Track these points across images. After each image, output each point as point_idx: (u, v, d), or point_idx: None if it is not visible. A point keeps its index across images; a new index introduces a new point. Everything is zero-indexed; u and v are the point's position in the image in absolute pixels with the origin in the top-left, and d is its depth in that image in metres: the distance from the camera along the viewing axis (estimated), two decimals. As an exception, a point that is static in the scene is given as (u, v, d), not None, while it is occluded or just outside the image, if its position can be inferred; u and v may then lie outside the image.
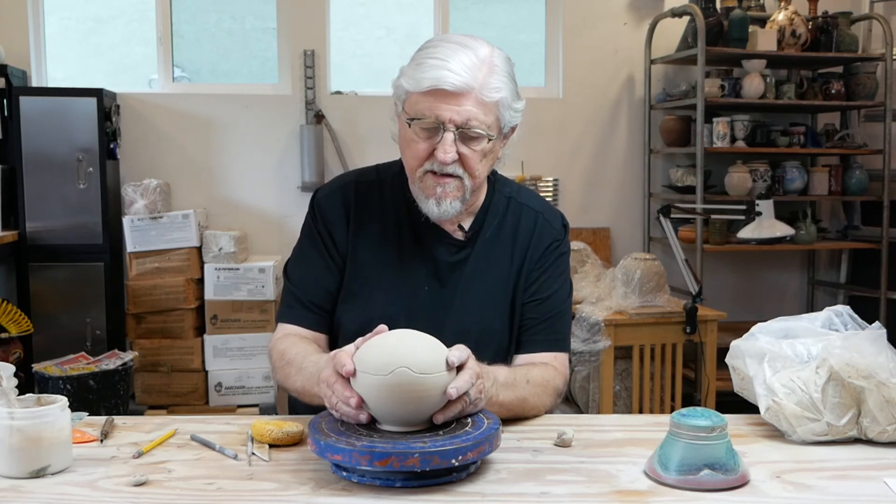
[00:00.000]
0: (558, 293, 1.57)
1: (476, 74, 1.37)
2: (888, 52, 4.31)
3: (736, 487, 1.13)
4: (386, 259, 1.53)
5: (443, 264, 1.53)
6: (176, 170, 4.29)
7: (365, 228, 1.55)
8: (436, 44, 1.41)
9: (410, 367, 1.14)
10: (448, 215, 1.47)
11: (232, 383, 3.99)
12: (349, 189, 1.58)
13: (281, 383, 1.50)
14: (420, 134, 1.41)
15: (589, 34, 4.59)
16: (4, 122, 3.87)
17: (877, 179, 4.46)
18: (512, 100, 1.43)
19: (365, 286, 1.53)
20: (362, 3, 4.68)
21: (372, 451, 1.09)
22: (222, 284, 3.97)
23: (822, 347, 1.33)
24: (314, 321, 1.55)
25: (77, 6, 4.55)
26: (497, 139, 1.44)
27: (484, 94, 1.38)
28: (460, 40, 1.41)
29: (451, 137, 1.39)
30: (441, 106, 1.37)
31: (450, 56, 1.37)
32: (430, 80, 1.36)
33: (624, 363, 3.39)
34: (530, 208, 1.59)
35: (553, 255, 1.57)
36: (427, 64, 1.38)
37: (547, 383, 1.48)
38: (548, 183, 4.56)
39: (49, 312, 3.88)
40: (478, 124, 1.39)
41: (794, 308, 4.77)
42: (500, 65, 1.41)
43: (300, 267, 1.58)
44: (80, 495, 1.12)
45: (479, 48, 1.40)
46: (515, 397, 1.39)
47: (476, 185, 1.47)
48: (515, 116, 1.46)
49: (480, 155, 1.43)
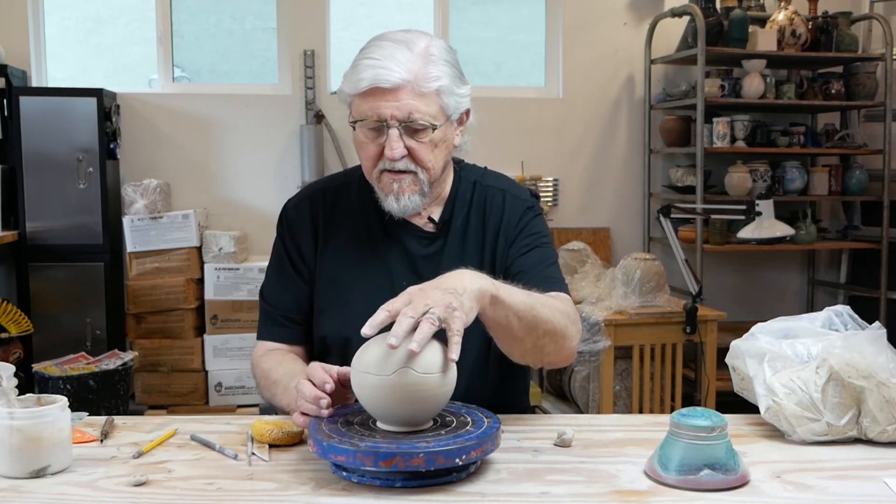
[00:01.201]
0: (542, 244, 1.55)
1: (411, 68, 1.38)
2: (888, 52, 4.31)
3: (736, 487, 1.13)
4: (360, 261, 1.54)
5: (417, 258, 1.53)
6: (176, 170, 4.29)
7: (336, 234, 1.56)
8: (371, 45, 1.43)
9: (413, 368, 1.14)
10: (410, 210, 1.48)
11: (232, 383, 3.99)
12: (316, 197, 1.59)
13: (268, 400, 1.51)
14: (368, 135, 1.43)
15: (589, 34, 4.59)
16: (4, 122, 3.87)
17: (877, 179, 4.46)
18: (454, 86, 1.43)
19: (342, 291, 1.53)
20: (362, 3, 4.68)
21: (376, 451, 1.09)
22: (222, 284, 3.97)
23: (822, 347, 1.33)
24: (288, 335, 1.57)
25: (77, 6, 4.55)
26: (444, 127, 1.44)
27: (422, 85, 1.39)
28: (396, 37, 1.42)
29: (396, 133, 1.40)
30: (381, 104, 1.39)
31: (384, 55, 1.39)
32: (366, 81, 1.38)
33: (624, 363, 3.39)
34: (496, 188, 1.59)
35: (527, 218, 1.56)
36: (362, 65, 1.39)
37: (555, 305, 1.38)
38: (548, 183, 4.56)
39: (49, 312, 3.88)
40: (420, 116, 1.40)
41: (794, 308, 4.78)
42: (437, 54, 1.42)
43: (271, 282, 1.60)
44: (80, 495, 1.12)
45: (415, 42, 1.41)
46: (523, 302, 1.28)
47: (433, 176, 1.47)
48: (462, 102, 1.46)
49: (430, 146, 1.43)
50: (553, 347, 1.36)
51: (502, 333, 1.31)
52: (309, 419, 1.24)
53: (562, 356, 1.41)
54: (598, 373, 3.30)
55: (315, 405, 1.24)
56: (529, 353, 1.36)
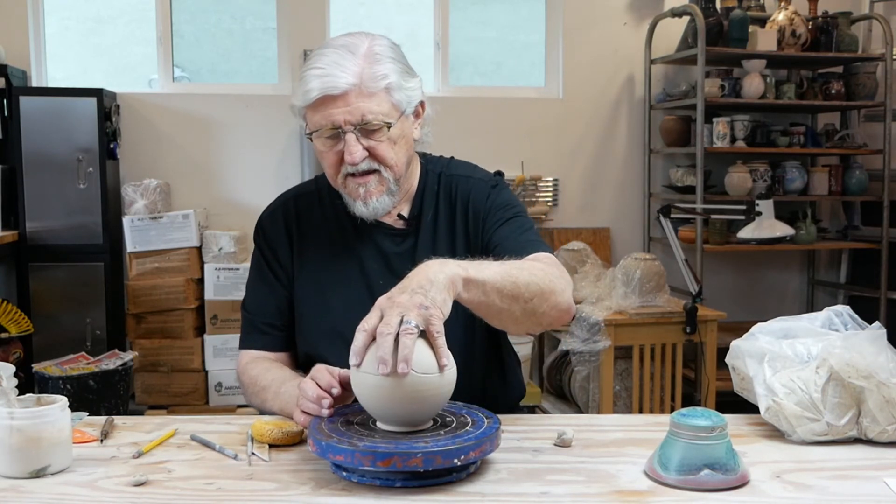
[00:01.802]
0: (514, 214, 1.54)
1: (356, 71, 1.39)
2: (888, 52, 4.31)
3: (736, 487, 1.13)
4: (336, 264, 1.55)
5: (391, 256, 1.54)
6: (176, 170, 4.29)
7: (310, 241, 1.57)
8: (315, 55, 1.43)
9: (412, 368, 1.14)
10: (381, 212, 1.49)
11: (232, 383, 3.99)
12: (289, 205, 1.62)
13: (257, 407, 1.51)
14: (326, 144, 1.44)
15: (589, 34, 4.59)
16: (4, 122, 3.87)
17: (877, 179, 4.46)
18: (402, 80, 1.44)
19: (321, 296, 1.54)
20: (362, 3, 4.68)
21: (374, 451, 1.09)
22: (222, 284, 3.97)
23: (822, 347, 1.33)
24: (271, 342, 1.58)
25: (77, 6, 4.55)
26: (399, 123, 1.45)
27: (369, 85, 1.40)
28: (337, 43, 1.43)
29: (353, 138, 1.41)
30: (332, 112, 1.40)
31: (328, 63, 1.40)
32: (315, 91, 1.39)
33: (624, 363, 3.39)
34: (460, 176, 1.59)
35: (494, 194, 1.56)
36: (309, 76, 1.40)
37: (534, 266, 1.35)
38: (548, 183, 4.56)
39: (49, 312, 3.88)
40: (373, 116, 1.40)
41: (794, 308, 4.78)
42: (380, 52, 1.43)
43: (251, 292, 1.62)
44: (80, 495, 1.12)
45: (357, 45, 1.42)
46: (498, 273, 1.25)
47: (398, 173, 1.47)
48: (413, 95, 1.47)
49: (389, 143, 1.44)
50: (546, 307, 1.32)
51: (488, 311, 1.27)
52: (310, 418, 1.24)
53: (558, 312, 1.35)
54: (598, 373, 3.30)
55: (317, 404, 1.25)
56: (522, 321, 1.32)
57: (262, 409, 1.48)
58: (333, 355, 1.40)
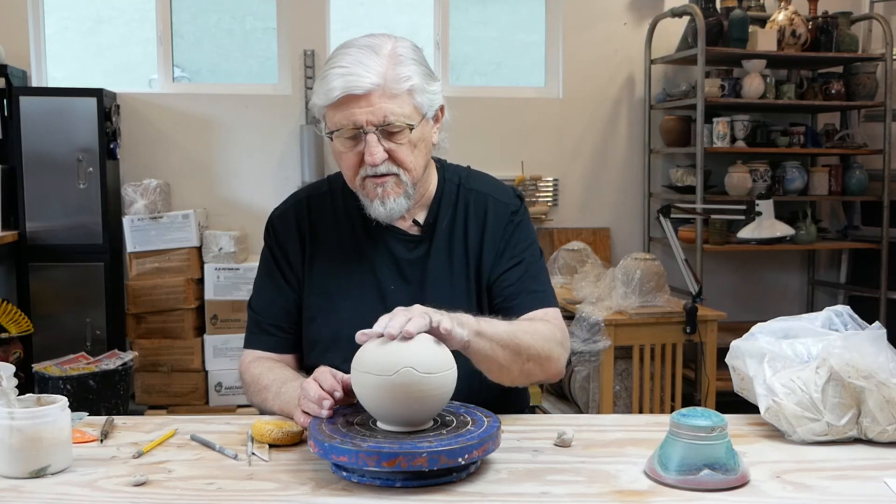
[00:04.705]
0: (529, 254, 1.55)
1: (380, 71, 1.38)
2: (888, 52, 4.31)
3: (736, 487, 1.13)
4: (347, 267, 1.54)
5: (404, 261, 1.53)
6: (176, 170, 4.29)
7: (322, 242, 1.56)
8: (338, 54, 1.42)
9: (415, 367, 1.14)
10: (397, 213, 1.47)
11: (232, 383, 3.99)
12: (302, 206, 1.60)
13: (257, 406, 1.51)
14: (346, 144, 1.43)
15: (589, 34, 4.59)
16: (4, 122, 3.87)
17: (877, 179, 4.46)
18: (425, 84, 1.44)
19: (331, 298, 1.53)
20: (362, 2, 4.68)
21: (379, 451, 1.09)
22: (222, 284, 3.97)
23: (822, 347, 1.33)
24: (276, 343, 1.57)
25: (77, 6, 4.55)
26: (420, 126, 1.44)
27: (393, 87, 1.39)
28: (361, 43, 1.42)
29: (374, 138, 1.40)
30: (355, 111, 1.38)
31: (351, 62, 1.38)
32: (337, 90, 1.37)
33: (624, 363, 3.39)
34: (479, 192, 1.58)
35: (513, 226, 1.56)
36: (332, 75, 1.39)
37: (539, 330, 1.44)
38: (548, 183, 4.57)
39: (49, 312, 3.88)
40: (395, 118, 1.39)
41: (794, 308, 4.77)
42: (404, 54, 1.42)
43: (259, 291, 1.61)
44: (80, 495, 1.12)
45: (381, 45, 1.41)
46: (506, 331, 1.34)
47: (415, 177, 1.46)
48: (435, 98, 1.47)
49: (409, 147, 1.43)
50: (539, 370, 1.42)
51: (489, 364, 1.34)
52: (310, 418, 1.24)
53: (547, 376, 1.46)
54: (598, 373, 3.30)
55: (318, 405, 1.25)
56: (517, 378, 1.41)
57: (263, 409, 1.48)
58: (339, 359, 1.40)
